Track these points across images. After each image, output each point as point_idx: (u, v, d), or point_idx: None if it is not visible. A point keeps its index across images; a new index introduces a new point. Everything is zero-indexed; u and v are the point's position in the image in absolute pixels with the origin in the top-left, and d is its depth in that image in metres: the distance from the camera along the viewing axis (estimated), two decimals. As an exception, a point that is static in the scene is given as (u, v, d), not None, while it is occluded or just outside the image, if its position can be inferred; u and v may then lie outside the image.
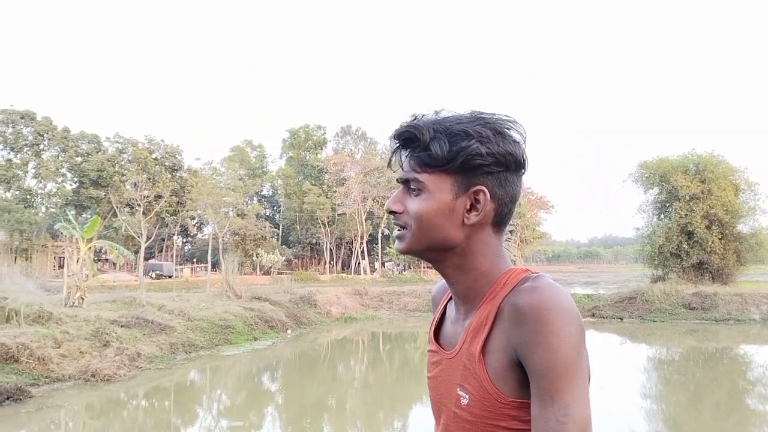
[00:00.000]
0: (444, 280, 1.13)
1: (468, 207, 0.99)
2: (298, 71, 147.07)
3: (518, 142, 1.01)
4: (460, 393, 0.99)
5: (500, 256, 1.03)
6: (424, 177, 1.00)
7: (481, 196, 0.99)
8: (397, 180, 1.06)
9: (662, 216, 30.37)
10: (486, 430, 0.95)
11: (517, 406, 0.92)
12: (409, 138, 1.01)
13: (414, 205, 1.01)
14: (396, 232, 1.06)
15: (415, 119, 1.03)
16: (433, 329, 1.16)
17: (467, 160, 0.97)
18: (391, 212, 1.05)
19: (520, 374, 0.91)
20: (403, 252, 1.05)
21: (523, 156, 1.01)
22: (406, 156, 1.03)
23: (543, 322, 0.87)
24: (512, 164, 1.00)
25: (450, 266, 1.04)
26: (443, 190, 0.99)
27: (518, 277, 0.98)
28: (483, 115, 1.01)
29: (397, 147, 1.05)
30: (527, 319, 0.89)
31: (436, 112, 1.04)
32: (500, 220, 1.02)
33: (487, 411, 0.94)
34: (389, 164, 1.06)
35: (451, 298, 1.13)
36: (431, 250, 1.03)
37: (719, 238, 27.82)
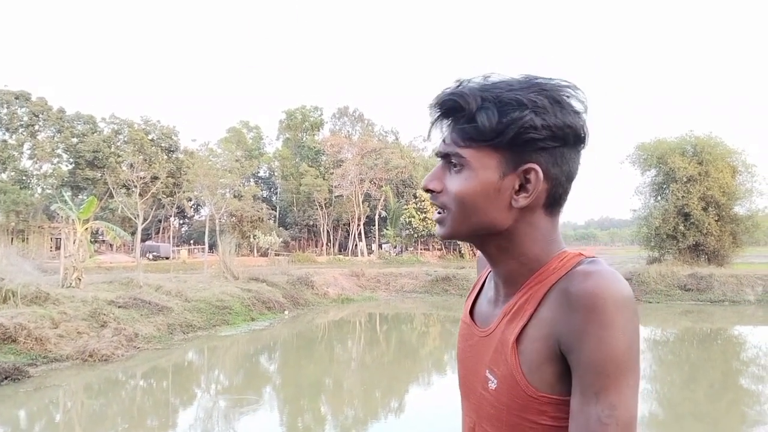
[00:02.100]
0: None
1: (517, 188, 0.87)
2: (296, 51, 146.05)
3: (579, 113, 0.88)
4: (489, 376, 0.92)
5: (551, 240, 0.92)
6: (467, 152, 0.88)
7: (532, 176, 0.86)
8: (436, 154, 0.94)
9: (659, 198, 30.42)
10: (511, 420, 0.88)
11: (547, 402, 0.84)
12: (452, 107, 0.89)
13: (454, 184, 0.89)
14: (435, 215, 0.95)
15: (460, 85, 0.90)
16: (468, 301, 1.08)
17: (519, 134, 0.85)
18: (427, 191, 0.93)
19: (559, 368, 0.83)
20: (444, 238, 0.94)
21: (583, 128, 0.89)
22: (448, 127, 0.91)
23: (597, 312, 0.78)
24: (571, 138, 0.87)
25: (494, 248, 0.93)
26: (488, 168, 0.87)
27: (570, 261, 0.88)
28: (539, 81, 0.88)
29: (438, 116, 0.92)
30: (579, 307, 0.79)
31: (485, 77, 0.90)
32: (554, 202, 0.90)
33: (513, 401, 0.87)
34: (428, 136, 0.93)
35: (490, 273, 1.03)
36: (474, 235, 0.92)
37: (715, 220, 27.90)
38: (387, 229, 53.30)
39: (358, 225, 52.73)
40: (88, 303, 13.47)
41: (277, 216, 57.43)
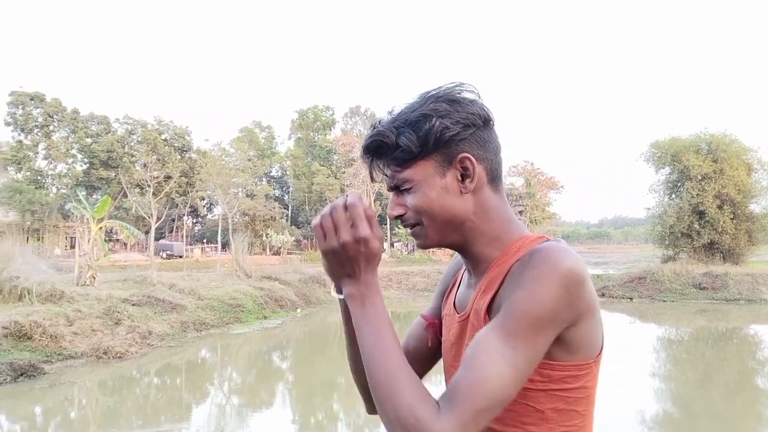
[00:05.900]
0: (458, 258, 1.15)
1: (460, 177, 0.99)
2: (309, 51, 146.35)
3: (474, 100, 1.01)
4: None
5: (508, 219, 1.03)
6: (408, 173, 0.99)
7: (467, 163, 0.98)
8: (388, 190, 1.06)
9: (673, 196, 30.15)
10: None
11: None
12: (378, 146, 1.01)
13: (414, 201, 1.00)
14: (410, 231, 1.05)
15: (374, 128, 1.03)
16: (449, 298, 1.15)
17: (438, 139, 0.97)
18: (396, 218, 1.04)
19: None
20: (427, 247, 1.04)
21: (484, 109, 1.01)
22: (384, 164, 1.03)
23: (536, 269, 0.87)
24: (479, 121, 0.99)
25: (460, 239, 1.03)
26: (431, 175, 0.99)
27: (534, 242, 0.97)
28: (431, 93, 1.00)
29: (372, 159, 1.04)
30: (524, 267, 0.89)
31: (389, 112, 1.03)
32: (494, 177, 1.02)
33: None
34: (371, 178, 1.05)
35: (466, 269, 1.12)
36: (450, 233, 1.02)
37: (731, 218, 27.61)
38: (399, 228, 53.32)
39: (370, 224, 52.76)
40: (103, 301, 13.58)
41: (290, 215, 57.60)
